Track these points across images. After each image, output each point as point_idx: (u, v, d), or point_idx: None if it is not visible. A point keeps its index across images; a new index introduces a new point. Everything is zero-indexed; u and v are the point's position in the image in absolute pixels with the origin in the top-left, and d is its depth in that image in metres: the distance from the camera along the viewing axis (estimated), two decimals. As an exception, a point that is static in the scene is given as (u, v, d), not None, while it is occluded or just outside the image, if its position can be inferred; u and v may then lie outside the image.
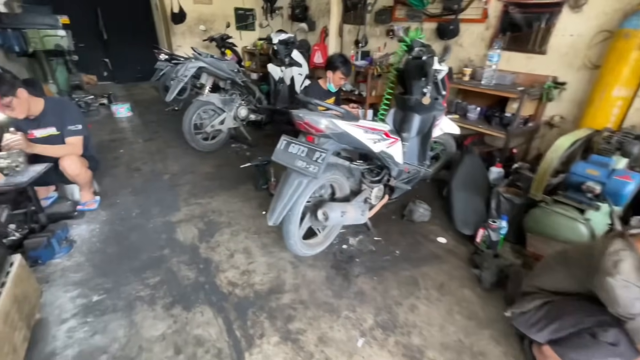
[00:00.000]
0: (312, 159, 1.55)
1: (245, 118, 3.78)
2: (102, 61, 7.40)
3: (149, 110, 5.36)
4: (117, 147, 3.72)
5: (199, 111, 3.36)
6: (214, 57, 3.30)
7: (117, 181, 2.95)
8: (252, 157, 3.55)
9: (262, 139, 4.09)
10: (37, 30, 4.39)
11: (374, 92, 4.24)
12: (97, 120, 4.74)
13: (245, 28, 7.34)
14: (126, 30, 7.26)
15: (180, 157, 3.49)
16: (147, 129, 4.41)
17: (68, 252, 2.03)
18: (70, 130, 2.26)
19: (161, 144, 3.86)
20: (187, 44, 6.90)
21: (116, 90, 6.63)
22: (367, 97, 4.23)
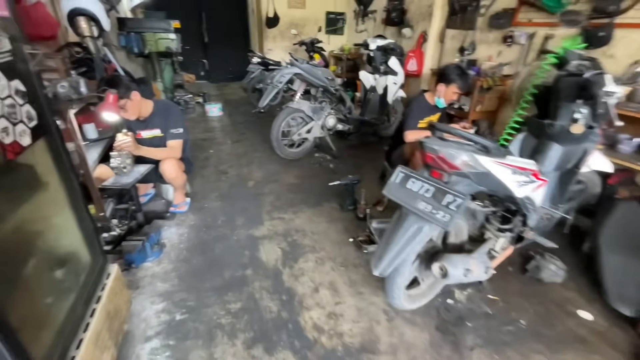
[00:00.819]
0: (441, 202, 1.21)
1: (333, 128, 3.59)
2: (201, 62, 8.03)
3: (237, 111, 5.56)
4: (207, 147, 3.85)
5: (288, 118, 3.25)
6: (309, 64, 3.16)
7: (206, 183, 2.98)
8: (337, 169, 3.34)
9: (346, 149, 3.85)
10: (153, 34, 4.83)
11: (479, 107, 3.68)
12: (192, 118, 5.05)
13: (334, 32, 7.23)
14: (223, 33, 7.75)
15: (264, 163, 3.44)
16: (235, 130, 4.52)
17: (158, 256, 2.03)
18: (172, 134, 2.29)
19: (247, 147, 3.88)
20: (278, 48, 7.07)
21: (210, 90, 7.09)
22: (469, 112, 3.69)
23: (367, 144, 4.03)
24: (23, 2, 2.28)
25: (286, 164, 3.43)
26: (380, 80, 3.73)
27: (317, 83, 3.26)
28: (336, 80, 3.46)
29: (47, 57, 2.21)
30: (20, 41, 0.99)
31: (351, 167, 3.43)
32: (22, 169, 1.03)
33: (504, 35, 3.61)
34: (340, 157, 3.63)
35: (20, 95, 0.96)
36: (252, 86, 5.49)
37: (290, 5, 6.80)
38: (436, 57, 4.71)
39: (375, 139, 4.12)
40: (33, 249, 1.09)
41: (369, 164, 3.51)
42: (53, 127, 1.12)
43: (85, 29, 2.32)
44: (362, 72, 3.86)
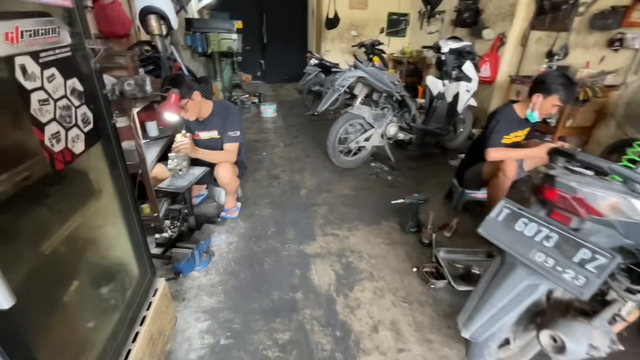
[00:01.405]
0: (571, 258, 0.89)
1: (394, 136, 3.29)
2: (258, 62, 8.17)
3: (291, 113, 5.48)
4: (260, 149, 3.77)
5: (346, 125, 3.03)
6: (375, 67, 2.91)
7: (258, 188, 2.88)
8: (395, 182, 3.04)
9: (405, 161, 3.53)
10: (217, 34, 4.92)
11: (570, 122, 3.14)
12: (248, 118, 5.06)
13: (396, 34, 6.88)
14: (282, 34, 7.79)
15: (317, 170, 3.25)
16: (288, 133, 4.42)
17: (206, 265, 1.93)
18: (229, 136, 2.19)
19: (300, 152, 3.74)
20: (335, 49, 6.90)
21: (265, 90, 7.14)
22: (557, 127, 3.17)
23: (429, 156, 3.67)
24: (101, 1, 2.34)
25: (340, 172, 3.22)
26: (451, 86, 3.35)
27: (382, 88, 2.99)
28: (401, 85, 3.16)
29: (117, 55, 2.23)
30: (83, 35, 0.88)
31: (411, 180, 3.11)
32: (74, 176, 0.93)
33: (610, 38, 3.03)
34: (399, 168, 3.32)
35: (76, 95, 0.85)
36: (307, 88, 5.38)
37: (352, 6, 6.59)
38: (515, 62, 4.18)
39: (438, 151, 3.74)
40: (80, 264, 0.99)
41: (431, 178, 3.16)
42: (111, 131, 1.02)
43: (155, 27, 2.31)
44: (430, 77, 3.51)
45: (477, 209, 2.55)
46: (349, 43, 6.72)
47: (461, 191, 2.54)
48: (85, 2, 2.27)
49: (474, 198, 2.53)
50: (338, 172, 3.22)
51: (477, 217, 2.49)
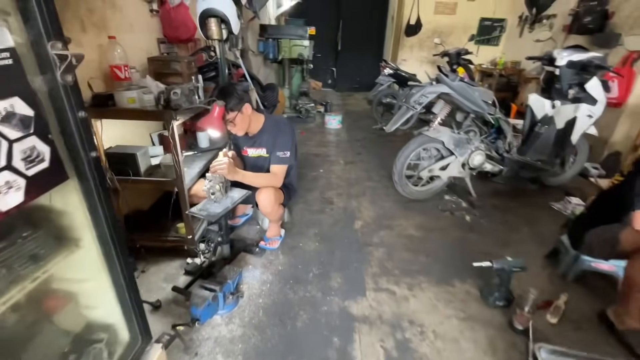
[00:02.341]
0: None
1: (478, 167, 2.66)
2: (330, 70, 7.98)
3: (357, 125, 5.08)
4: (318, 165, 3.45)
5: (419, 149, 2.52)
6: (464, 81, 2.34)
7: (308, 212, 2.53)
8: (475, 225, 2.42)
9: (489, 196, 2.85)
10: (289, 40, 4.78)
11: None
12: (310, 128, 4.81)
13: (487, 42, 6.02)
14: (357, 41, 7.46)
15: (378, 198, 2.79)
16: (350, 148, 4.03)
17: (231, 310, 1.63)
18: (277, 157, 1.88)
19: (361, 173, 3.31)
20: (413, 58, 6.32)
21: (333, 98, 6.87)
22: None
23: (522, 193, 2.93)
24: (167, 5, 2.25)
25: (406, 204, 2.70)
26: (564, 109, 2.59)
27: (470, 108, 2.40)
28: (497, 105, 2.52)
29: (173, 61, 2.10)
30: (45, 36, 0.61)
31: (497, 225, 2.45)
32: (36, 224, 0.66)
33: None
34: (482, 206, 2.68)
35: (15, 123, 0.57)
36: (378, 99, 4.93)
37: (438, 11, 5.94)
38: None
39: (535, 187, 2.96)
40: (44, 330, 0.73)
41: (524, 225, 2.45)
42: (89, 166, 0.74)
43: (215, 32, 2.12)
44: (533, 96, 2.78)
45: (598, 284, 1.83)
46: (429, 52, 6.08)
47: (575, 256, 1.85)
48: (152, 5, 2.20)
49: (594, 268, 1.82)
50: (403, 204, 2.71)
51: (598, 296, 1.78)
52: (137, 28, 2.05)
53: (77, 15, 1.55)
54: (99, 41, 1.70)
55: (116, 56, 1.70)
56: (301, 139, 4.26)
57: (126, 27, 1.96)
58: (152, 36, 2.26)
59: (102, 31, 1.73)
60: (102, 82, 1.76)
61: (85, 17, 1.61)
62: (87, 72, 1.64)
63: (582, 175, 3.19)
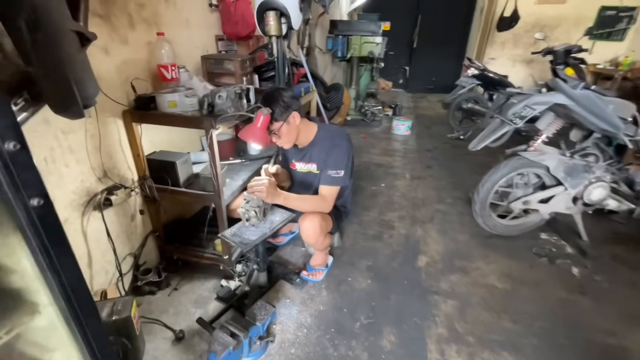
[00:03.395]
0: None
1: (597, 204, 1.99)
2: (402, 69, 7.38)
3: (429, 131, 4.51)
4: (380, 177, 3.04)
5: (513, 173, 1.96)
6: (591, 90, 1.71)
7: (362, 237, 2.17)
8: (585, 281, 1.81)
9: (607, 243, 2.14)
10: (359, 37, 4.41)
11: None
12: (375, 133, 4.39)
13: (607, 37, 4.86)
14: (437, 38, 6.73)
15: (450, 228, 2.29)
16: (419, 159, 3.52)
17: (258, 358, 1.37)
18: (328, 177, 1.56)
19: (430, 191, 2.81)
20: (504, 57, 5.45)
21: (404, 100, 6.32)
22: None
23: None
24: None
25: (486, 239, 2.16)
26: None
27: (598, 127, 1.75)
28: (639, 123, 1.82)
29: (226, 59, 1.91)
30: None
31: (622, 288, 1.78)
32: None
33: None
34: (596, 256, 2.00)
35: None
36: (456, 103, 4.27)
37: (542, 0, 4.97)
38: None
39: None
40: None
41: (667, 294, 1.74)
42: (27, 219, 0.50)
43: (273, 27, 1.89)
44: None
45: None
46: (526, 49, 5.15)
47: None
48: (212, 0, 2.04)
49: None
50: (482, 239, 2.17)
51: None
52: (193, 24, 1.90)
53: (124, 9, 1.42)
54: (148, 38, 1.57)
55: (164, 55, 1.54)
56: (363, 145, 3.89)
57: (181, 23, 1.82)
58: (210, 33, 2.11)
59: (153, 27, 1.60)
60: (150, 84, 1.64)
61: (134, 12, 1.48)
62: (133, 72, 1.51)
63: None
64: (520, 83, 4.95)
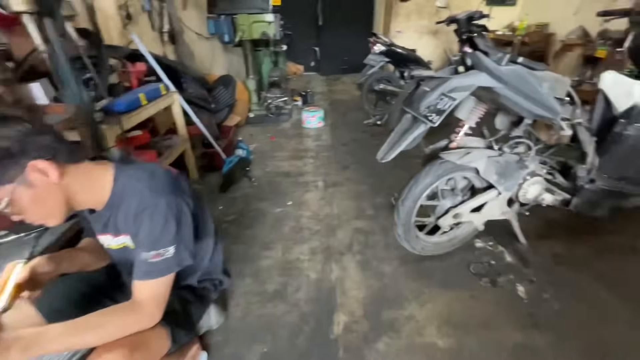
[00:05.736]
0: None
1: (533, 202, 1.63)
2: (312, 50, 6.76)
3: (345, 120, 4.00)
4: (286, 193, 2.41)
5: (438, 182, 1.48)
6: (519, 63, 1.26)
7: (256, 301, 1.53)
8: (537, 308, 1.45)
9: (544, 238, 1.84)
10: (247, 16, 3.62)
11: None
12: (284, 130, 3.73)
13: (502, 2, 4.83)
14: (343, 14, 6.21)
15: (374, 256, 1.78)
16: (335, 158, 2.98)
17: None
18: (144, 264, 0.86)
19: (347, 202, 2.28)
20: (410, 29, 5.15)
21: (317, 85, 5.75)
22: None
23: (589, 226, 1.91)
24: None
25: (417, 264, 1.70)
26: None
27: (531, 112, 1.32)
28: (576, 102, 1.45)
29: None
30: None
31: (576, 307, 1.45)
32: None
33: None
34: (538, 263, 1.68)
35: None
36: (368, 85, 3.82)
37: (439, -36, 4.72)
38: None
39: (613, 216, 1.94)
40: None
41: (622, 303, 1.46)
42: None
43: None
44: (612, 75, 1.70)
45: None
46: (430, 19, 4.91)
47: None
48: None
49: None
50: (413, 264, 1.70)
51: None
52: None
53: None
54: None
55: None
56: (268, 149, 3.21)
57: None
58: None
59: None
60: None
61: None
62: None
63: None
64: (430, 56, 4.70)
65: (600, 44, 3.05)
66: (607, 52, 2.89)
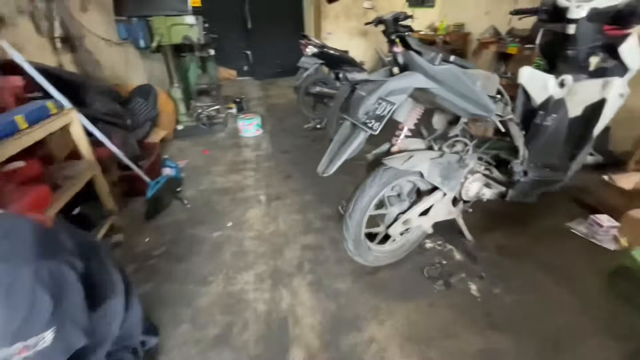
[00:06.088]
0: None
1: (475, 198, 1.65)
2: (244, 53, 6.47)
3: (283, 126, 3.84)
4: (225, 213, 2.17)
5: (384, 190, 1.39)
6: (452, 62, 1.22)
7: (194, 351, 1.29)
8: (491, 307, 1.44)
9: (486, 230, 1.89)
10: (164, 18, 3.26)
11: None
12: (219, 142, 3.43)
13: (422, 4, 5.08)
14: (272, 16, 6.04)
15: (326, 276, 1.64)
16: (276, 168, 2.79)
17: None
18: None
19: (293, 216, 2.12)
20: (341, 30, 5.17)
21: (253, 90, 5.51)
22: None
23: (521, 213, 2.02)
24: None
25: (371, 276, 1.61)
26: (583, 87, 1.68)
27: (467, 111, 1.29)
28: (506, 99, 1.47)
29: None
30: None
31: (526, 300, 1.48)
32: None
33: None
34: (485, 259, 1.70)
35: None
36: (304, 88, 3.71)
37: (361, -33, 4.79)
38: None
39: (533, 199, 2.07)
40: None
41: (563, 287, 1.53)
42: None
43: None
44: (528, 70, 1.80)
45: None
46: (358, 20, 4.98)
47: None
48: None
49: None
50: (367, 277, 1.61)
51: None
52: None
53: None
54: None
55: None
56: (202, 164, 2.91)
57: None
58: None
59: None
60: None
61: None
62: None
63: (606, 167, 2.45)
64: (362, 57, 4.78)
65: (510, 41, 3.34)
66: (518, 49, 3.16)
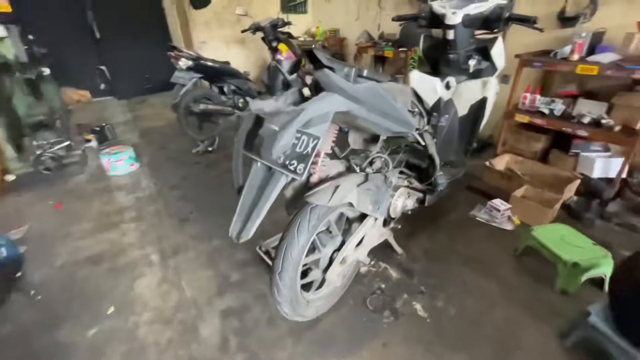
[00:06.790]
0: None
1: (400, 213, 1.57)
2: (97, 69, 5.29)
3: (166, 154, 3.21)
4: (96, 294, 1.57)
5: (316, 234, 1.15)
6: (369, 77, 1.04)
7: None
8: (437, 323, 1.35)
9: (411, 240, 1.88)
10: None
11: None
12: (76, 190, 2.60)
13: (295, 10, 5.05)
14: (127, 25, 5.10)
15: (261, 345, 1.31)
16: (166, 210, 2.25)
17: None
18: None
19: (201, 273, 1.69)
20: (216, 39, 4.71)
21: (116, 113, 4.54)
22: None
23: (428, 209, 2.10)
24: None
25: (314, 331, 1.35)
26: (467, 88, 1.79)
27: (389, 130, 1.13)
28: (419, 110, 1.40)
29: None
30: None
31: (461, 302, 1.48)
32: None
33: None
34: (418, 270, 1.66)
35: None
36: (185, 107, 3.16)
37: (225, -30, 4.45)
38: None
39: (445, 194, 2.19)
40: None
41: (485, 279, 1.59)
42: None
43: None
44: (417, 74, 1.84)
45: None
46: (233, 28, 4.63)
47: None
48: None
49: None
50: (312, 333, 1.34)
51: None
52: None
53: None
54: None
55: None
56: (50, 226, 2.12)
57: None
58: None
59: None
60: None
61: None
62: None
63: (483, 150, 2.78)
64: (244, 66, 4.44)
65: (384, 45, 3.55)
66: (393, 52, 3.37)
